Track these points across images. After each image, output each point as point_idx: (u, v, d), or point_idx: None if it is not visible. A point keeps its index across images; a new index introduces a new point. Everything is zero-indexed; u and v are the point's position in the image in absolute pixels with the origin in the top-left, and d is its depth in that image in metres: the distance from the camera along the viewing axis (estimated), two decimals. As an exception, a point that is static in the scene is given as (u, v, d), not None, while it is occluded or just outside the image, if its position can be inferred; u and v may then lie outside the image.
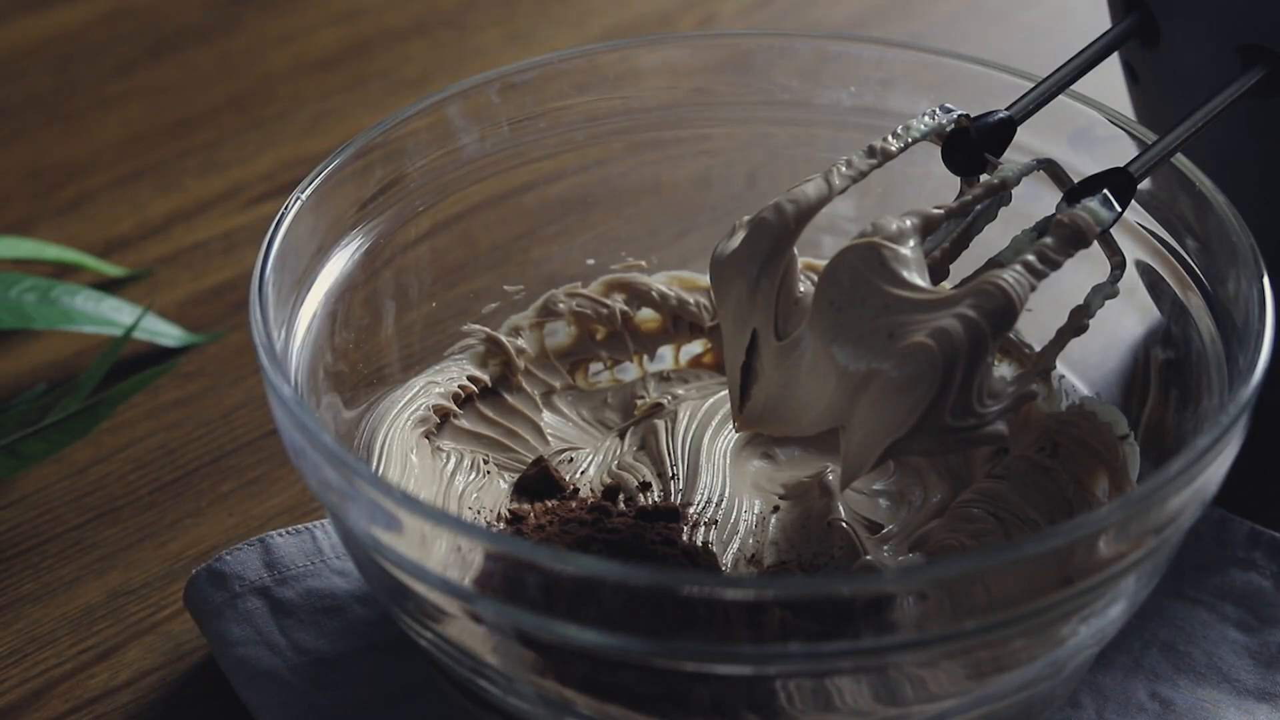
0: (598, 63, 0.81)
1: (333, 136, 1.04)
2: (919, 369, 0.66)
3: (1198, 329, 0.72)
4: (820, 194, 0.71)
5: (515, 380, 0.81)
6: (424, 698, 0.72)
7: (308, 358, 0.73)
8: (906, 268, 0.68)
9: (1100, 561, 0.62)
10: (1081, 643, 0.65)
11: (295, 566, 0.76)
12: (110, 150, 1.04)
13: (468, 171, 0.80)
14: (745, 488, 0.77)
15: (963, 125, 0.72)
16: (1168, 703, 0.72)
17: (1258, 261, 0.69)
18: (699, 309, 0.83)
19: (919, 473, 0.77)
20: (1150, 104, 0.82)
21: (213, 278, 0.95)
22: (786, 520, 0.76)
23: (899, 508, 0.76)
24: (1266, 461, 0.81)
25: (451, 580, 0.63)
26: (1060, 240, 0.69)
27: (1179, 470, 0.63)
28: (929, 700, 0.64)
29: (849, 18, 1.14)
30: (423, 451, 0.76)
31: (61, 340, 0.91)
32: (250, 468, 0.84)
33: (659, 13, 1.15)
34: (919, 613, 0.62)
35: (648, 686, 0.63)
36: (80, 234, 0.98)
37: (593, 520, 0.73)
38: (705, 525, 0.74)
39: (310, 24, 1.15)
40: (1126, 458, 0.74)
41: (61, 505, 0.83)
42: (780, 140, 0.83)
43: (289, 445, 0.67)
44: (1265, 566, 0.76)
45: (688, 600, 0.60)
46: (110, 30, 1.14)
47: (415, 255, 0.80)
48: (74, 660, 0.76)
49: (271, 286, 0.70)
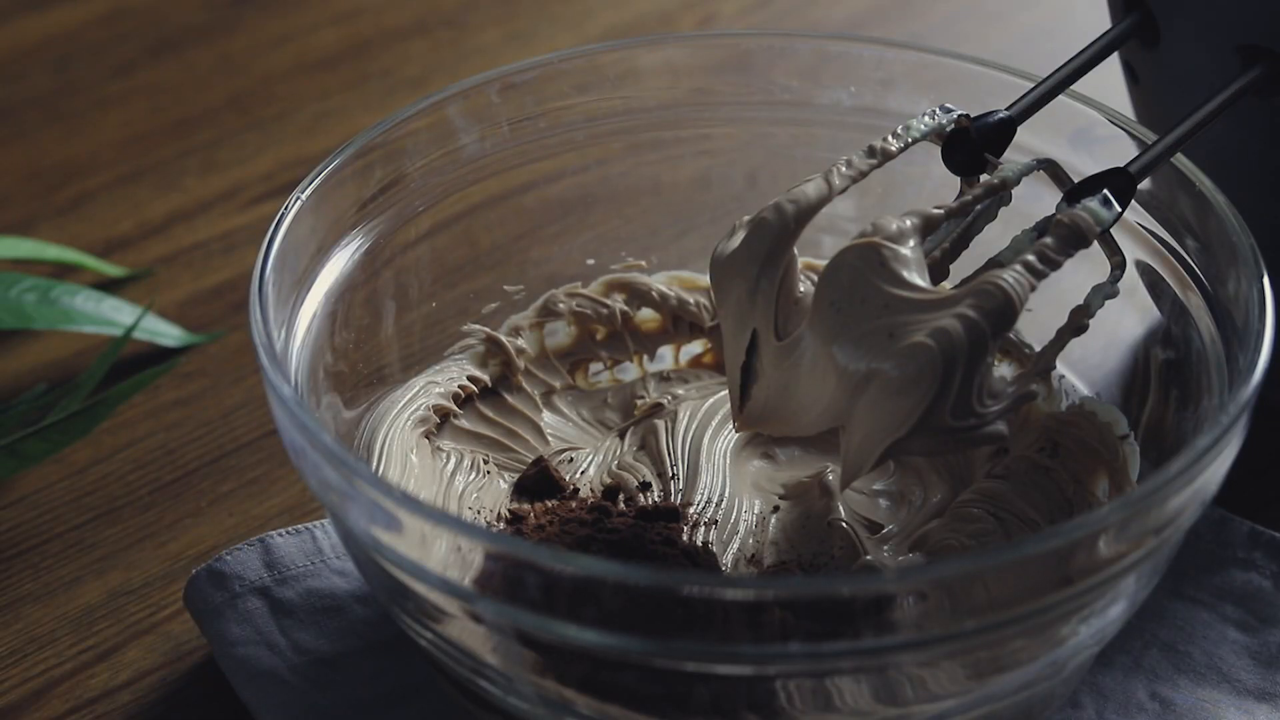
0: (598, 63, 0.81)
1: (333, 136, 1.04)
2: (919, 369, 0.66)
3: (1198, 329, 0.72)
4: (820, 194, 0.71)
5: (515, 380, 0.81)
6: (424, 698, 0.72)
7: (308, 358, 0.73)
8: (906, 268, 0.68)
9: (1100, 561, 0.62)
10: (1081, 643, 0.65)
11: (295, 566, 0.76)
12: (110, 150, 1.04)
13: (468, 171, 0.80)
14: (745, 488, 0.77)
15: (963, 125, 0.72)
16: (1168, 703, 0.72)
17: (1258, 261, 0.69)
18: (699, 309, 0.83)
19: (919, 473, 0.77)
20: (1150, 104, 0.82)
21: (213, 278, 0.95)
22: (786, 520, 0.76)
23: (899, 508, 0.76)
24: (1266, 461, 0.81)
25: (451, 580, 0.63)
26: (1060, 240, 0.69)
27: (1179, 470, 0.63)
28: (929, 700, 0.64)
29: (849, 18, 1.14)
30: (423, 451, 0.76)
31: (61, 340, 0.91)
32: (250, 468, 0.84)
33: (659, 13, 1.15)
34: (919, 613, 0.62)
35: (648, 686, 0.63)
36: (80, 234, 0.98)
37: (593, 520, 0.73)
38: (705, 525, 0.74)
39: (310, 24, 1.15)
40: (1126, 458, 0.74)
41: (61, 505, 0.83)
42: (780, 140, 0.83)
43: (289, 445, 0.67)
44: (1265, 566, 0.76)
45: (688, 600, 0.60)
46: (110, 30, 1.14)
47: (415, 255, 0.80)
48: (74, 660, 0.76)
49: (271, 286, 0.70)
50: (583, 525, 0.72)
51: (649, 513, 0.74)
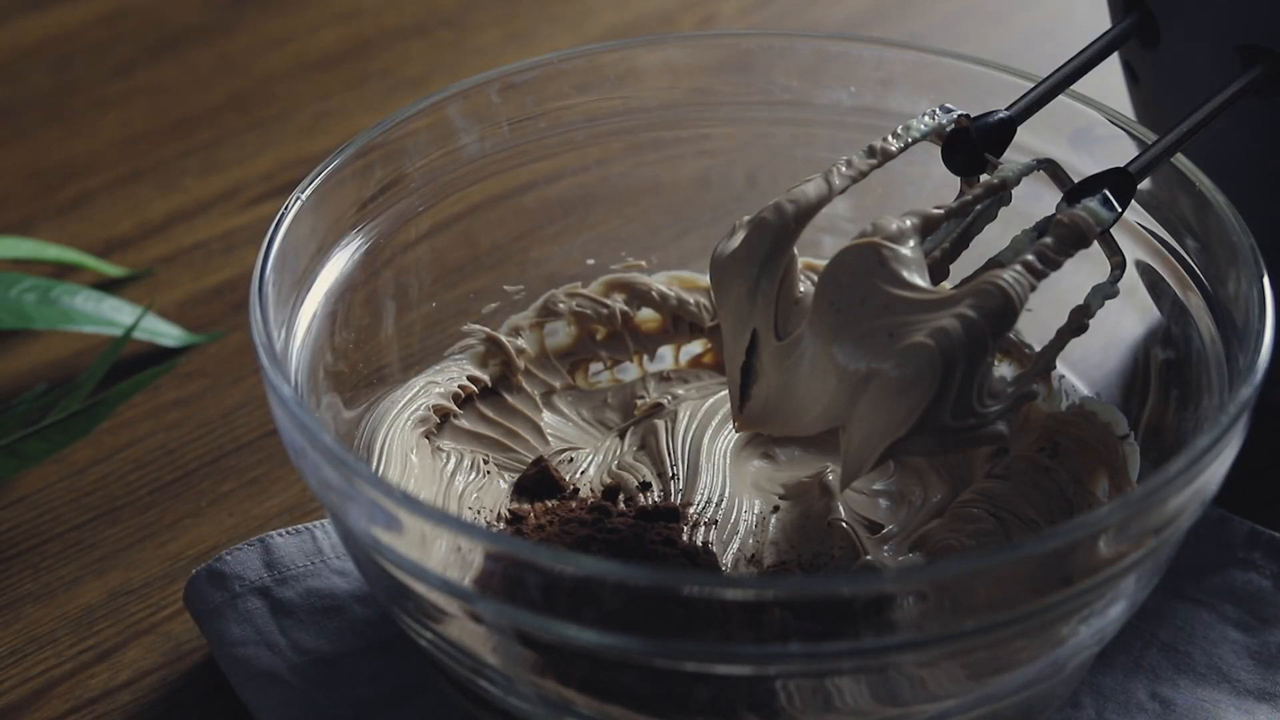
0: (598, 63, 0.81)
1: (333, 136, 1.04)
2: (919, 369, 0.66)
3: (1198, 329, 0.72)
4: (820, 194, 0.71)
5: (515, 380, 0.81)
6: (424, 698, 0.72)
7: (308, 358, 0.73)
8: (906, 268, 0.68)
9: (1100, 561, 0.62)
10: (1081, 643, 0.65)
11: (295, 566, 0.76)
12: (110, 150, 1.04)
13: (468, 171, 0.80)
14: (745, 488, 0.77)
15: (963, 125, 0.72)
16: (1168, 703, 0.72)
17: (1258, 261, 0.69)
18: (699, 309, 0.83)
19: (919, 473, 0.77)
20: (1150, 104, 0.82)
21: (213, 278, 0.95)
22: (786, 520, 0.76)
23: (899, 508, 0.76)
24: (1266, 461, 0.81)
25: (451, 580, 0.63)
26: (1060, 240, 0.69)
27: (1179, 470, 0.63)
28: (929, 700, 0.64)
29: (849, 18, 1.14)
30: (423, 451, 0.76)
31: (61, 340, 0.91)
32: (250, 468, 0.84)
33: (659, 13, 1.15)
34: (919, 613, 0.62)
35: (648, 686, 0.63)
36: (80, 234, 0.98)
37: (593, 520, 0.73)
38: (705, 525, 0.74)
39: (310, 24, 1.15)
40: (1126, 458, 0.74)
41: (61, 505, 0.83)
42: (780, 140, 0.83)
43: (289, 445, 0.67)
44: (1265, 566, 0.76)
45: (688, 600, 0.60)
46: (110, 30, 1.14)
47: (415, 255, 0.80)
48: (74, 660, 0.76)
49: (271, 286, 0.70)
50: (583, 525, 0.72)
51: (649, 513, 0.74)
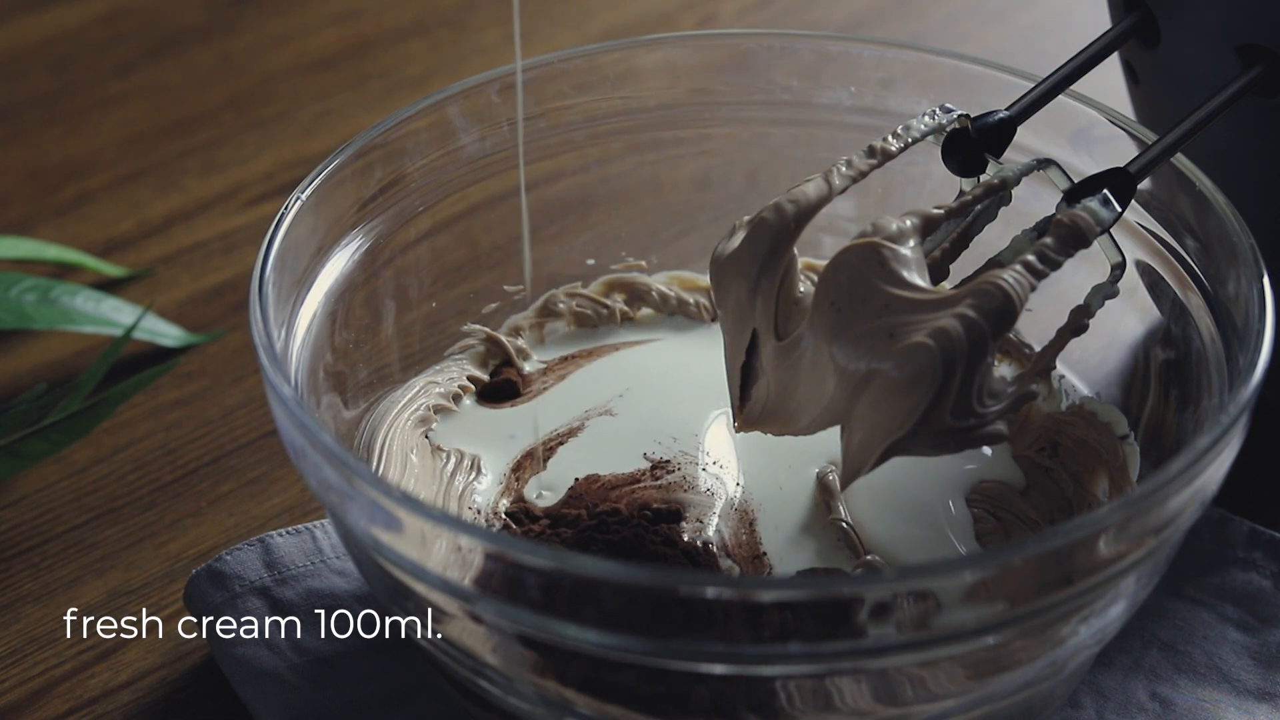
0: (598, 63, 0.81)
1: (333, 136, 1.04)
2: (919, 369, 0.66)
3: (1198, 329, 0.72)
4: (820, 194, 0.71)
5: (516, 380, 0.81)
6: (424, 698, 0.72)
7: (308, 358, 0.73)
8: (906, 268, 0.68)
9: (1100, 561, 0.62)
10: (1081, 643, 0.65)
11: (295, 566, 0.76)
12: (110, 150, 1.04)
13: (468, 171, 0.80)
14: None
15: (963, 125, 0.72)
16: (1168, 703, 0.72)
17: (1258, 261, 0.69)
18: (699, 309, 0.83)
19: (919, 473, 0.77)
20: (1150, 104, 0.82)
21: (213, 278, 0.95)
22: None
23: (899, 508, 0.76)
24: (1266, 461, 0.81)
25: (451, 580, 0.63)
26: (1060, 240, 0.69)
27: (1179, 470, 0.63)
28: (929, 700, 0.64)
29: (849, 18, 1.14)
30: (423, 451, 0.76)
31: (61, 340, 0.91)
32: (250, 468, 0.84)
33: (659, 13, 1.15)
34: (919, 613, 0.62)
35: (648, 686, 0.63)
36: (80, 234, 0.98)
37: (594, 522, 0.73)
38: (705, 524, 0.74)
39: (310, 24, 1.15)
40: (1126, 458, 0.74)
41: (61, 505, 0.83)
42: (780, 140, 0.83)
43: (289, 445, 0.67)
44: (1265, 566, 0.76)
45: (688, 600, 0.60)
46: (110, 30, 1.14)
47: (415, 255, 0.80)
48: (74, 660, 0.76)
49: (271, 286, 0.70)
50: (583, 526, 0.72)
51: (649, 514, 0.73)
